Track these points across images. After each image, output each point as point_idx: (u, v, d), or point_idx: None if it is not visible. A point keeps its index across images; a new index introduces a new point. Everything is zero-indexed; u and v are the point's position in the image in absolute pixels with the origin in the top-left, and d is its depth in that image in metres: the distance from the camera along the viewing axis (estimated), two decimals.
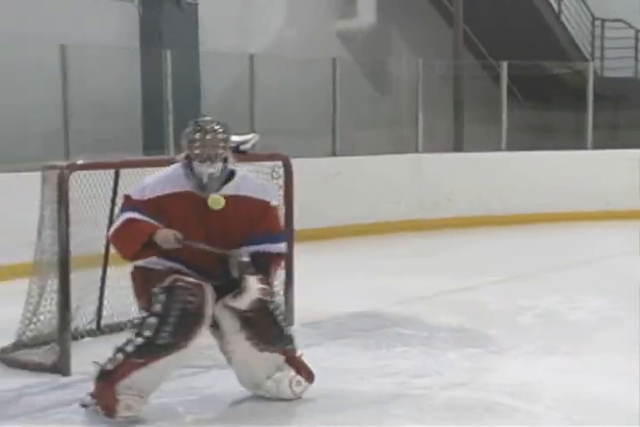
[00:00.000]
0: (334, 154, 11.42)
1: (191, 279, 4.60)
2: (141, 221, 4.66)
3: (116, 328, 6.45)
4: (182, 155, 4.79)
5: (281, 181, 6.62)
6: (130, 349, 4.56)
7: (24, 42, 9.75)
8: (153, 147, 10.73)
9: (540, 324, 6.76)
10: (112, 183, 6.34)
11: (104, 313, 6.45)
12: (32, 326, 5.72)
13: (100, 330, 6.39)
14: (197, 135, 4.70)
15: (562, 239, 10.82)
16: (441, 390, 5.17)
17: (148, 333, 4.53)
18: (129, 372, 4.53)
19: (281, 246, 4.89)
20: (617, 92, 15.52)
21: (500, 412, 4.82)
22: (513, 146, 12.55)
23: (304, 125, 11.90)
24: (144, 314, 4.67)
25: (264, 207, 4.84)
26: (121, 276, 6.52)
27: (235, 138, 6.35)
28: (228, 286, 4.67)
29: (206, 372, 5.48)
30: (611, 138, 14.45)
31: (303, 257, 6.91)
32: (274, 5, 13.62)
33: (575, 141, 13.23)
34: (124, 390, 4.54)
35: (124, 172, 6.37)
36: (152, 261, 4.77)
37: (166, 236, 4.58)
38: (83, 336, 6.21)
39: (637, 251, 9.58)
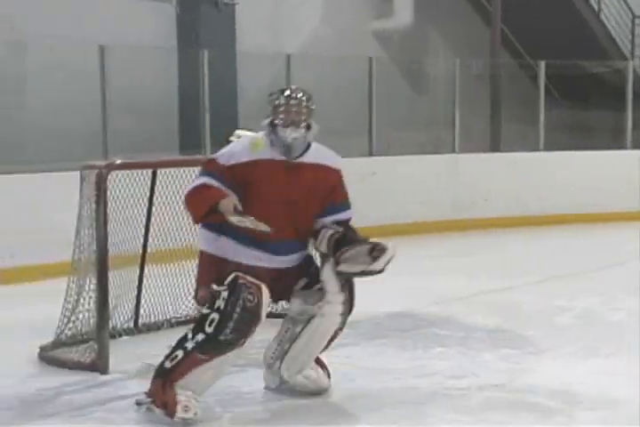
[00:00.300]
0: (370, 154, 11.40)
1: (252, 279, 4.63)
2: (213, 187, 4.67)
3: (153, 327, 6.49)
4: (266, 121, 4.81)
5: None
6: (190, 345, 4.57)
7: (63, 43, 9.83)
8: (189, 146, 10.77)
9: (578, 325, 6.72)
10: (149, 183, 6.38)
11: (141, 312, 6.49)
12: (71, 325, 5.76)
13: (137, 329, 6.42)
14: (282, 101, 4.77)
15: (599, 240, 10.75)
16: (477, 391, 5.14)
17: (209, 329, 4.55)
18: (189, 369, 4.55)
19: (352, 212, 4.97)
20: None
21: (537, 413, 4.79)
22: (550, 146, 12.48)
23: (340, 125, 11.86)
24: (203, 309, 4.66)
25: (339, 176, 4.94)
26: (158, 275, 6.59)
27: None
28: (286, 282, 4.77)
29: (243, 371, 5.48)
30: None
31: None
32: (309, 5, 13.63)
33: (614, 141, 13.13)
34: (181, 390, 4.56)
35: (161, 171, 6.41)
36: (222, 247, 4.75)
37: (227, 205, 4.58)
38: (120, 335, 6.24)
39: None
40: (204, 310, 4.63)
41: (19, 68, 10.39)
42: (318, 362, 5.06)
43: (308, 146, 4.86)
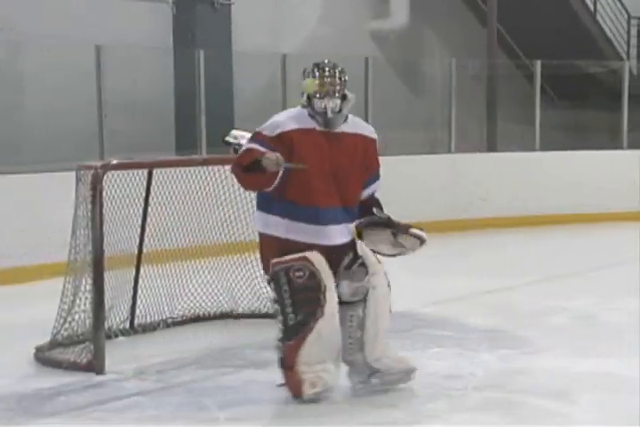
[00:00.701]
0: None
1: (292, 256, 4.78)
2: (256, 150, 4.79)
3: (149, 328, 6.48)
4: (304, 97, 4.98)
5: None
6: (280, 335, 4.87)
7: (60, 43, 9.81)
8: (185, 147, 10.75)
9: (575, 325, 6.71)
10: (145, 183, 6.37)
11: (137, 312, 6.48)
12: (67, 326, 5.75)
13: (133, 329, 6.41)
14: (317, 73, 4.97)
15: (597, 240, 10.74)
16: (475, 391, 5.14)
17: (279, 318, 4.85)
18: (295, 353, 4.80)
19: (381, 182, 5.28)
20: None
21: (534, 414, 4.78)
22: (547, 146, 12.47)
23: None
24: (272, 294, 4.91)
25: (375, 145, 5.15)
26: (154, 275, 6.58)
27: None
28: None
29: (239, 371, 5.49)
30: None
31: None
32: (306, 5, 13.61)
33: (610, 141, 13.13)
34: (306, 369, 4.79)
35: (157, 171, 6.40)
36: (277, 227, 4.87)
37: (269, 158, 4.70)
38: (117, 335, 6.23)
39: None
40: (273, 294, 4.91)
41: (16, 69, 10.37)
42: None
43: (346, 116, 5.04)
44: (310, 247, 4.82)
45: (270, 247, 4.91)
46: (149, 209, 6.44)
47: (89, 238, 5.53)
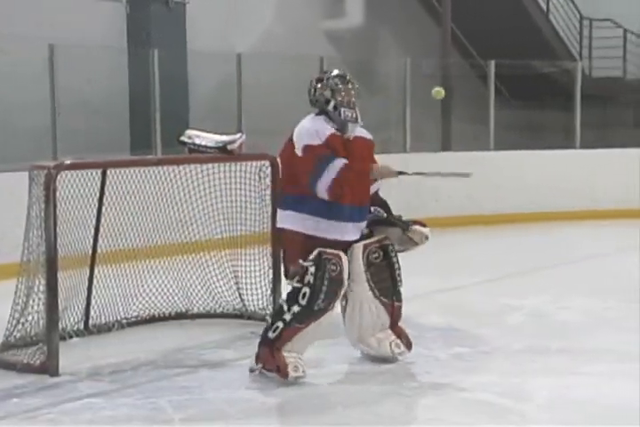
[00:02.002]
0: None
1: (332, 251, 5.21)
2: (351, 164, 5.25)
3: (103, 328, 6.44)
4: (332, 103, 5.38)
5: (268, 181, 6.61)
6: (288, 317, 5.19)
7: (13, 41, 9.71)
8: (140, 146, 10.70)
9: (529, 323, 6.76)
10: (99, 183, 6.33)
11: (92, 313, 6.43)
12: (20, 327, 5.69)
13: (87, 330, 6.37)
14: (340, 84, 5.42)
15: (550, 238, 10.83)
16: (430, 390, 5.17)
17: (303, 301, 5.16)
18: (291, 336, 5.19)
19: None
20: (605, 91, 15.53)
21: (490, 412, 4.81)
22: (501, 145, 12.54)
23: (292, 125, 11.86)
24: (293, 283, 5.23)
25: (374, 147, 5.66)
26: (109, 276, 6.54)
27: (222, 138, 6.36)
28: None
29: (195, 372, 5.48)
30: (599, 137, 14.46)
31: None
32: (261, 4, 13.59)
33: (563, 141, 13.24)
34: (287, 353, 5.19)
35: (110, 171, 6.36)
36: (305, 224, 5.24)
37: (386, 168, 5.47)
38: (71, 336, 6.18)
39: (626, 250, 9.61)
40: (295, 284, 5.21)
41: None
42: (395, 329, 5.59)
43: None
44: (334, 243, 5.24)
45: (297, 243, 5.26)
46: (103, 209, 6.40)
47: (42, 239, 5.47)
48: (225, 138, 6.36)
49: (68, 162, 5.69)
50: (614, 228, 11.32)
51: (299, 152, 5.25)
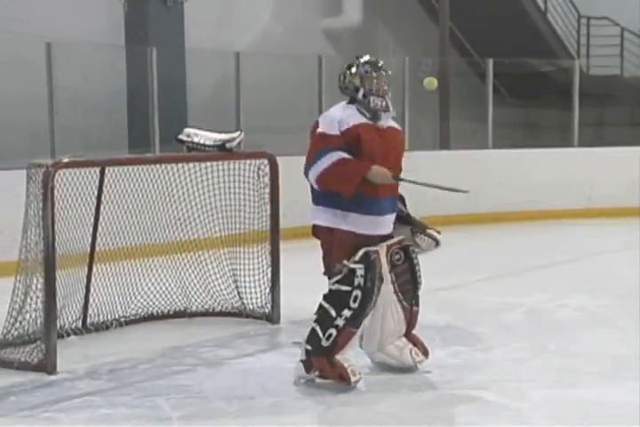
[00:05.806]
0: None
1: (373, 248, 5.06)
2: (350, 160, 5.00)
3: (101, 326, 6.44)
4: (361, 91, 5.13)
5: (267, 179, 6.62)
6: (341, 323, 5.00)
7: (10, 38, 9.71)
8: (138, 144, 10.69)
9: (526, 322, 6.76)
10: (97, 181, 6.33)
11: (89, 311, 6.43)
12: (17, 325, 5.68)
13: (85, 328, 6.37)
14: (374, 72, 5.18)
15: (548, 237, 10.83)
16: (427, 389, 5.17)
17: (355, 305, 4.99)
18: (346, 342, 5.04)
19: None
20: (603, 89, 15.53)
21: (487, 410, 4.81)
22: (499, 143, 12.55)
23: (290, 123, 11.87)
24: (340, 286, 5.02)
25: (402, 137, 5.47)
26: (107, 274, 6.54)
27: (220, 136, 6.37)
28: None
29: (193, 370, 5.48)
30: (597, 135, 14.47)
31: (289, 255, 6.91)
32: (259, 2, 13.59)
33: (561, 139, 13.25)
34: (340, 358, 5.04)
35: (109, 169, 6.36)
36: (340, 220, 5.05)
37: (383, 173, 5.02)
38: (69, 335, 6.19)
39: (622, 248, 9.62)
40: (343, 288, 5.00)
41: None
42: (411, 338, 5.41)
43: None
44: (371, 238, 5.09)
45: (336, 240, 5.06)
46: (102, 207, 6.39)
47: (40, 237, 5.47)
48: (223, 136, 6.36)
49: (66, 160, 5.68)
50: (610, 226, 11.32)
51: (314, 136, 5.14)
